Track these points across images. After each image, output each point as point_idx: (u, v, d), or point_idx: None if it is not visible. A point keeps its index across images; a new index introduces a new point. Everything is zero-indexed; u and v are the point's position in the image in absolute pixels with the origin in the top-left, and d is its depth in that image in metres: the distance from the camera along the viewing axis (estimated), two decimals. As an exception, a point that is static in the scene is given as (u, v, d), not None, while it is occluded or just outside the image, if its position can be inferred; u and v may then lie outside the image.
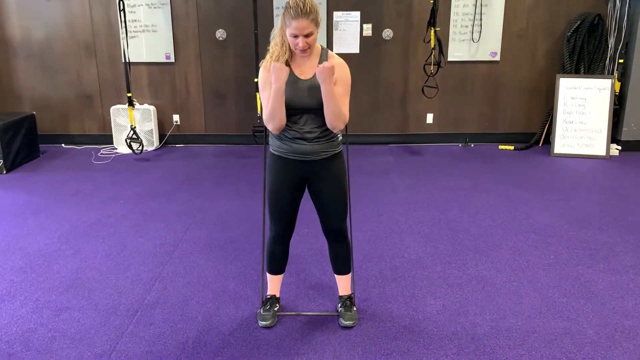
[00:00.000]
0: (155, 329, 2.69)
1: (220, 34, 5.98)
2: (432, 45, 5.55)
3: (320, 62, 2.43)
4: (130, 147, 5.70)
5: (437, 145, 6.26)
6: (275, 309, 2.78)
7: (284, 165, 2.53)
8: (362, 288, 3.05)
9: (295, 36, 2.31)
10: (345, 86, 2.44)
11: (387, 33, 6.01)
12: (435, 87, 5.63)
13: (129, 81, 5.59)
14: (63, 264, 3.38)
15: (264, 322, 2.70)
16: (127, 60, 5.53)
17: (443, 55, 5.61)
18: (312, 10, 2.30)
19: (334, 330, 2.69)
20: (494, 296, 2.99)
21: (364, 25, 6.00)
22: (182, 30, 6.01)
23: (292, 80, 2.41)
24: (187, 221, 4.07)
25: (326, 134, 2.48)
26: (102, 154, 5.98)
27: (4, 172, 5.23)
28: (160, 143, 6.22)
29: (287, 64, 2.41)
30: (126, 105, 5.95)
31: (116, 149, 6.12)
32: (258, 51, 5.57)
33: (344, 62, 2.47)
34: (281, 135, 2.48)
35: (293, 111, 2.41)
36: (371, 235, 3.78)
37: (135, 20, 5.93)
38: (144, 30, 5.99)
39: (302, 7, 2.26)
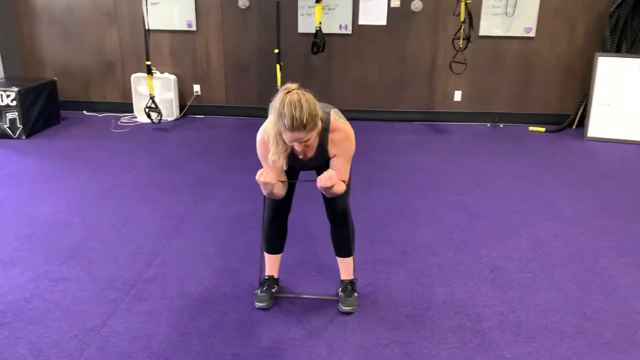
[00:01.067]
0: (150, 305, 2.63)
1: (243, 1, 5.81)
2: (462, 19, 5.27)
3: (320, 142, 2.28)
4: (148, 116, 5.64)
5: (464, 125, 6.01)
6: (273, 290, 2.67)
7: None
8: (368, 273, 2.92)
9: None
10: (346, 158, 2.35)
11: (417, 5, 5.73)
12: (464, 63, 5.36)
13: (148, 49, 5.49)
14: (67, 233, 3.35)
15: (260, 304, 2.60)
16: (147, 28, 5.42)
17: (473, 29, 5.32)
18: (310, 119, 2.08)
19: (333, 316, 2.57)
20: (506, 288, 2.81)
21: (393, -4, 5.75)
22: (205, -3, 5.87)
23: (292, 157, 2.32)
24: (198, 194, 3.99)
25: None
26: (121, 122, 5.94)
27: (23, 137, 5.25)
28: (180, 113, 6.14)
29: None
30: (146, 74, 5.88)
31: (136, 117, 6.08)
32: (280, 21, 5.39)
33: (346, 130, 2.30)
34: None
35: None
36: (382, 217, 3.63)
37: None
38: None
39: (298, 118, 2.04)
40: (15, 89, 5.14)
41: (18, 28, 6.08)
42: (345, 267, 2.68)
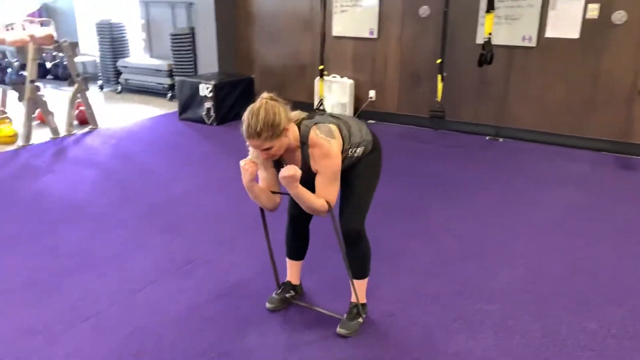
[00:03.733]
0: (187, 283, 2.93)
1: (424, 10, 5.74)
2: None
3: (302, 156, 2.26)
4: (317, 116, 6.02)
5: (667, 163, 4.90)
6: (288, 295, 2.72)
7: None
8: (398, 304, 2.73)
9: None
10: (326, 175, 2.23)
11: (619, 15, 4.86)
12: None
13: (322, 54, 5.86)
14: (185, 209, 3.89)
15: (268, 305, 2.68)
16: (324, 33, 5.78)
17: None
18: (265, 129, 2.08)
19: (328, 337, 2.50)
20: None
21: (590, 5, 4.98)
22: (389, 6, 5.95)
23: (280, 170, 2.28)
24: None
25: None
26: (300, 119, 6.45)
27: (215, 124, 6.15)
28: (354, 115, 6.38)
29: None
30: (330, 77, 6.29)
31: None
32: (448, 30, 5.17)
33: (325, 147, 2.18)
34: None
35: None
36: (469, 260, 3.29)
37: (347, -5, 6.14)
38: (353, 5, 6.15)
39: (252, 126, 2.08)
40: (213, 82, 6.05)
41: (237, 30, 7.09)
42: (355, 289, 2.56)
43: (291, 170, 2.12)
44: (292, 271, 2.75)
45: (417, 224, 3.67)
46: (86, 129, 5.90)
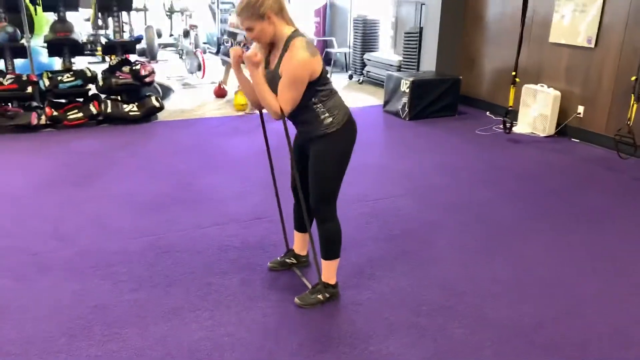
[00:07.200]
0: (210, 230, 3.50)
1: (650, 18, 4.85)
2: None
3: (280, 53, 2.42)
4: (504, 124, 5.72)
5: None
6: (288, 260, 3.05)
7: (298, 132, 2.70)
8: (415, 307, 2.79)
9: None
10: (287, 79, 2.34)
11: None
12: None
13: (517, 61, 5.53)
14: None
15: (269, 263, 3.07)
16: (521, 39, 5.44)
17: None
18: (247, 7, 2.31)
19: (286, 300, 2.76)
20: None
21: None
22: (612, 12, 5.20)
23: (266, 71, 2.50)
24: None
25: (303, 118, 2.51)
26: (496, 126, 6.17)
27: (407, 119, 6.43)
28: (554, 131, 5.81)
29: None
30: (537, 86, 5.88)
31: (515, 125, 6.14)
32: None
33: (300, 55, 2.31)
34: None
35: None
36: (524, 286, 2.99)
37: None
38: (574, 10, 5.55)
39: (238, 5, 2.36)
40: (411, 79, 6.33)
41: (462, 32, 7.10)
42: (323, 268, 2.73)
43: (252, 52, 2.37)
44: (295, 240, 3.05)
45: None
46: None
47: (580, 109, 5.64)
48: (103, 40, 6.67)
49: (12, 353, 2.36)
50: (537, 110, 5.91)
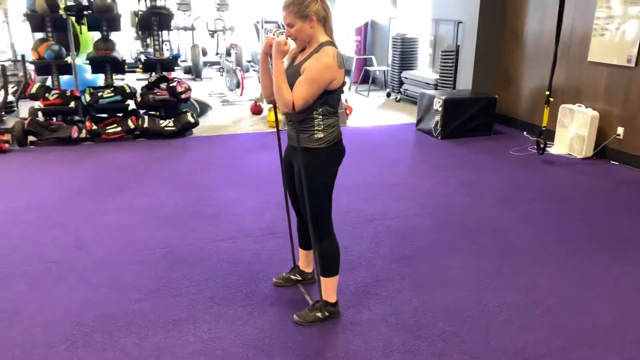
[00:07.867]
0: (222, 244, 3.53)
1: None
2: None
3: (309, 53, 2.45)
4: (537, 145, 5.54)
5: None
6: (292, 276, 3.04)
7: (287, 146, 2.73)
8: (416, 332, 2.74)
9: None
10: (309, 76, 2.35)
11: None
12: None
13: (551, 79, 5.36)
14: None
15: (274, 279, 3.07)
16: (555, 57, 5.28)
17: None
18: (295, 2, 2.37)
19: (287, 319, 2.75)
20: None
21: None
22: (654, 30, 4.99)
23: (289, 65, 2.56)
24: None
25: (303, 123, 2.48)
26: (530, 147, 5.99)
27: (439, 137, 6.33)
28: (592, 153, 5.58)
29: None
30: (574, 106, 5.69)
31: (551, 146, 5.95)
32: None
33: (327, 58, 2.35)
34: None
35: None
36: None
37: (609, 17, 5.38)
38: (622, 30, 5.33)
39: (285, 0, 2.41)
40: (444, 97, 6.24)
41: (499, 50, 6.96)
42: (322, 285, 2.71)
43: (284, 40, 2.39)
44: (301, 257, 3.05)
45: None
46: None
47: (620, 130, 5.40)
48: (143, 58, 6.94)
49: (16, 357, 2.45)
50: (574, 130, 5.70)
